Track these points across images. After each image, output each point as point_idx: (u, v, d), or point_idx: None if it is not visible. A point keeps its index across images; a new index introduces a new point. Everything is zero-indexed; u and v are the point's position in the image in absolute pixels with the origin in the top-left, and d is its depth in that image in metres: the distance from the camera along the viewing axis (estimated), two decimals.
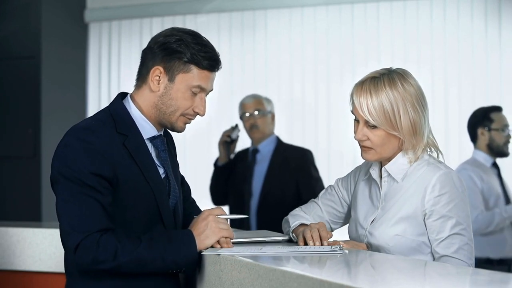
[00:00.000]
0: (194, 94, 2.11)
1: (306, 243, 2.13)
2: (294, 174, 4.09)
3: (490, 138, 4.09)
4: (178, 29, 2.15)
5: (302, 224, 2.26)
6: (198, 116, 2.16)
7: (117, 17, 5.84)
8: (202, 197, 5.04)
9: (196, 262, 2.04)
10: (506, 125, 4.10)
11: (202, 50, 2.10)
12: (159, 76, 2.10)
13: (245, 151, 4.28)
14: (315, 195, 3.95)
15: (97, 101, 5.87)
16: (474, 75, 5.11)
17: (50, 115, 5.61)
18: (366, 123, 2.15)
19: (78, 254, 1.97)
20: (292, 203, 4.03)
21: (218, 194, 4.30)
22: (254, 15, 5.54)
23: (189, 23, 5.63)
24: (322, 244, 2.10)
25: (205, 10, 5.59)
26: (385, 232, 2.16)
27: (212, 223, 2.04)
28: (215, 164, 4.29)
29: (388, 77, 2.15)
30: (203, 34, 2.20)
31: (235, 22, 5.59)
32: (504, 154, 4.12)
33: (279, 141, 4.22)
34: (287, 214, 2.33)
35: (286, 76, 5.47)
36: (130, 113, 2.12)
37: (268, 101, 4.26)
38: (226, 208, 4.32)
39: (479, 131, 4.12)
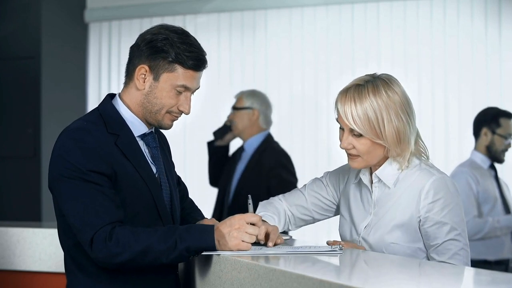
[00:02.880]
0: (179, 93, 2.11)
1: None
2: (266, 177, 3.98)
3: (491, 141, 4.09)
4: (166, 27, 2.14)
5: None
6: (183, 114, 2.15)
7: (117, 17, 5.84)
8: (201, 197, 5.05)
9: (213, 250, 1.98)
10: (510, 134, 4.10)
11: (187, 49, 2.08)
12: (145, 75, 2.10)
13: (240, 147, 4.24)
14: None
15: (97, 101, 5.86)
16: (474, 75, 5.11)
17: (50, 115, 5.61)
18: (351, 131, 2.13)
19: (94, 249, 1.97)
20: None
21: (210, 174, 4.28)
22: (254, 15, 5.54)
23: (189, 23, 5.63)
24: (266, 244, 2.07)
25: (205, 10, 5.59)
26: (380, 240, 2.15)
27: (235, 232, 1.96)
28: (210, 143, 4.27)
29: (373, 84, 2.12)
30: (203, 34, 2.20)
31: (235, 22, 5.58)
32: (499, 160, 4.13)
33: (264, 141, 4.10)
34: None
35: (286, 76, 5.47)
36: (120, 113, 2.13)
37: (251, 96, 4.12)
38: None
39: (483, 130, 4.11)
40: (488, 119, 4.12)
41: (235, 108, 4.14)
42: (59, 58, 5.73)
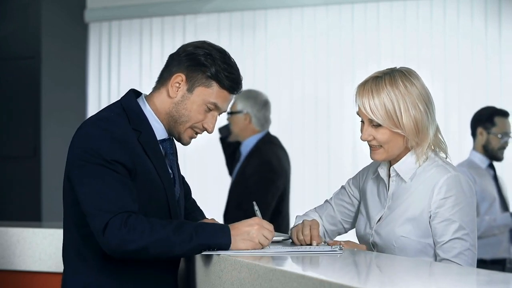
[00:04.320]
0: (209, 110, 2.13)
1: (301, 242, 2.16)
2: (248, 182, 3.95)
3: (487, 141, 4.10)
4: (209, 43, 2.16)
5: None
6: (205, 132, 2.17)
7: (117, 17, 5.84)
8: (201, 196, 5.05)
9: (228, 247, 1.98)
10: (506, 133, 4.10)
11: (227, 69, 2.11)
12: (179, 84, 2.11)
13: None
14: (266, 204, 3.88)
15: (97, 101, 5.87)
16: (474, 75, 5.11)
17: (50, 115, 5.61)
18: (371, 122, 2.16)
19: (107, 234, 1.95)
20: (249, 209, 3.93)
21: (227, 167, 4.30)
22: (254, 15, 5.54)
23: (189, 23, 5.62)
24: (311, 245, 2.12)
25: (205, 10, 5.59)
26: (391, 233, 2.16)
27: (255, 232, 1.99)
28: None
29: (390, 76, 2.16)
30: (203, 34, 2.22)
31: (235, 22, 5.59)
32: (497, 159, 4.13)
33: (258, 143, 4.07)
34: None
35: (286, 76, 5.47)
36: (144, 112, 2.14)
37: (243, 99, 4.08)
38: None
39: (479, 130, 4.13)
40: (483, 119, 4.13)
41: (229, 112, 4.13)
42: (59, 58, 5.73)
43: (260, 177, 3.95)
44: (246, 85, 5.31)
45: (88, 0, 5.89)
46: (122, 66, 5.84)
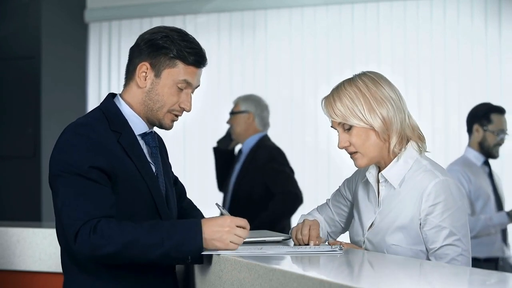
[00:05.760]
0: (180, 89, 2.14)
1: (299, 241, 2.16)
2: (261, 172, 4.06)
3: (483, 138, 4.07)
4: (164, 27, 2.18)
5: None
6: (185, 112, 2.18)
7: (117, 17, 5.84)
8: (201, 198, 5.06)
9: (200, 252, 1.97)
10: (502, 130, 4.07)
11: (188, 46, 2.13)
12: (146, 72, 2.13)
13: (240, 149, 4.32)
14: (281, 186, 3.98)
15: (97, 101, 5.87)
16: (474, 75, 5.11)
17: (50, 115, 5.61)
18: (343, 128, 2.18)
19: (78, 243, 1.96)
20: (260, 201, 4.05)
21: (218, 180, 4.37)
22: (254, 15, 5.55)
23: (189, 23, 5.62)
24: (308, 244, 2.12)
25: (205, 10, 5.59)
26: (382, 242, 2.16)
27: (225, 234, 1.97)
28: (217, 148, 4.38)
29: (349, 79, 2.20)
30: (203, 34, 2.23)
31: (235, 22, 5.59)
32: (493, 156, 4.10)
33: (259, 140, 4.19)
34: (256, 212, 2.25)
35: (286, 76, 5.47)
36: (122, 111, 2.15)
37: (246, 100, 4.24)
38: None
39: (475, 127, 4.09)
40: (479, 115, 4.10)
41: (232, 112, 4.25)
42: (59, 58, 5.73)
43: (277, 162, 4.07)
44: (246, 85, 5.32)
45: (88, 0, 5.90)
46: (122, 66, 5.84)
